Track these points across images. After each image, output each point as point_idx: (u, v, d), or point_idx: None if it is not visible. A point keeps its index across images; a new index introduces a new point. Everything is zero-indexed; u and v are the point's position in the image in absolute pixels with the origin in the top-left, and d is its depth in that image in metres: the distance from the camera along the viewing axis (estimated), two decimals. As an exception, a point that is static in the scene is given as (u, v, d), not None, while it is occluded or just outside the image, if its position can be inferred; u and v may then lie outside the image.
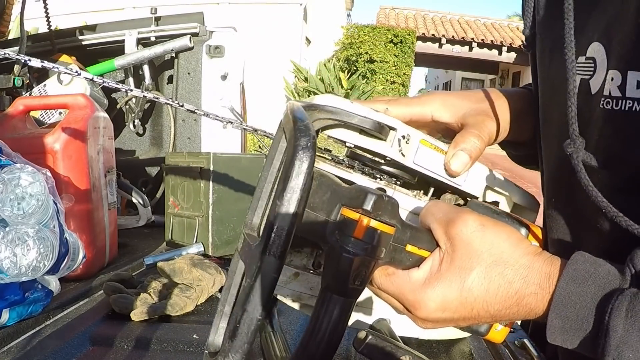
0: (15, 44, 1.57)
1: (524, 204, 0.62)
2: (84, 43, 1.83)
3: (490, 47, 15.43)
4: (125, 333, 0.77)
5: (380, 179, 0.52)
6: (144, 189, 1.75)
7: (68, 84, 1.56)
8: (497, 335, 0.52)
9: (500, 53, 15.48)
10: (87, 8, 8.48)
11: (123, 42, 1.78)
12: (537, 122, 0.64)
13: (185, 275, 0.92)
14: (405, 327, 0.63)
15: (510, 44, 15.26)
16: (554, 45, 0.46)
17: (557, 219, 0.57)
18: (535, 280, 0.43)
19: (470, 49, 15.46)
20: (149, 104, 1.89)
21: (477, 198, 0.58)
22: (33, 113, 1.31)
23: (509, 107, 0.61)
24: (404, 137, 0.50)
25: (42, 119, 1.45)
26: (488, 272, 0.44)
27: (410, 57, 12.60)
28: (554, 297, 0.42)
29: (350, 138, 0.48)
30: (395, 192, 0.52)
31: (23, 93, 1.54)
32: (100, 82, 0.46)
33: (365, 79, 11.69)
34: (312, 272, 0.55)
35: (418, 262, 0.46)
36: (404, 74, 12.40)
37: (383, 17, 14.88)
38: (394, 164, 0.52)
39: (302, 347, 0.41)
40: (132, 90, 0.49)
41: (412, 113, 0.58)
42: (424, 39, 14.66)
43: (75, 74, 0.46)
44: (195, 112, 0.51)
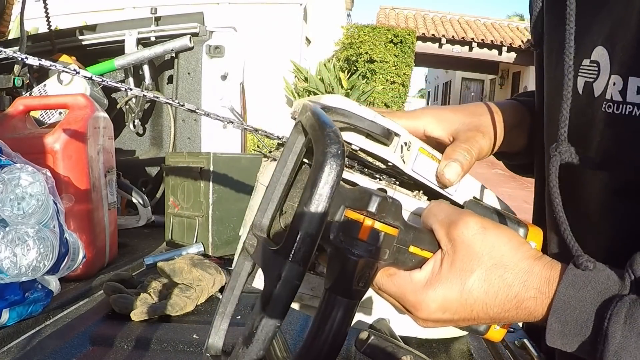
0: (15, 44, 1.57)
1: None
2: (84, 43, 1.83)
3: (490, 47, 15.43)
4: (125, 333, 0.77)
5: (381, 179, 0.52)
6: (144, 189, 1.75)
7: (68, 84, 1.56)
8: (495, 335, 0.52)
9: (500, 53, 15.48)
10: (87, 8, 8.48)
11: (123, 42, 1.78)
12: (539, 122, 0.64)
13: (185, 275, 0.92)
14: (404, 326, 0.63)
15: (510, 44, 15.26)
16: (560, 47, 0.46)
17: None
18: (535, 285, 0.44)
19: (470, 49, 15.46)
20: (149, 104, 1.89)
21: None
22: (33, 113, 1.31)
23: (502, 120, 0.62)
24: (406, 143, 0.51)
25: (42, 119, 1.45)
26: (488, 274, 0.44)
27: (410, 57, 12.60)
28: (554, 301, 0.42)
29: (357, 141, 0.49)
30: (396, 192, 0.52)
31: (23, 93, 1.54)
32: (100, 80, 0.46)
33: (365, 79, 11.70)
34: (312, 272, 0.55)
35: (420, 263, 0.46)
36: (404, 74, 12.41)
37: (383, 17, 14.88)
38: (394, 169, 0.52)
39: (305, 348, 0.41)
40: (132, 90, 0.49)
41: (405, 126, 0.58)
42: (424, 39, 14.66)
43: (75, 73, 0.46)
44: (196, 111, 0.51)
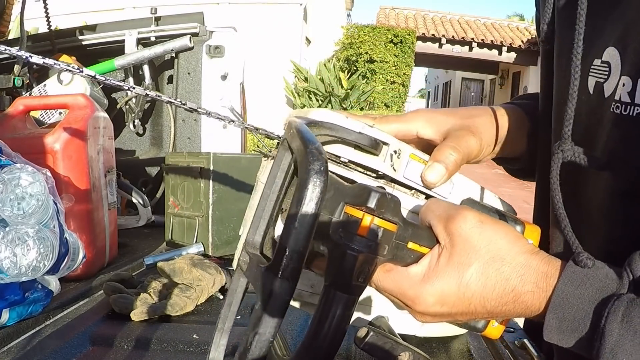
0: (15, 44, 1.57)
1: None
2: (84, 43, 1.83)
3: (490, 47, 15.43)
4: (125, 333, 0.77)
5: (379, 178, 0.53)
6: (144, 189, 1.75)
7: (68, 84, 1.56)
8: (494, 332, 0.53)
9: (500, 53, 15.49)
10: (87, 8, 8.48)
11: (123, 42, 1.78)
12: (543, 121, 0.64)
13: (185, 275, 0.92)
14: (404, 324, 0.64)
15: (510, 44, 15.27)
16: (572, 45, 0.46)
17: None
18: (532, 279, 0.44)
19: (470, 49, 15.46)
20: (149, 104, 1.89)
21: None
22: (33, 113, 1.31)
23: (499, 123, 0.62)
24: (396, 152, 0.52)
25: (42, 119, 1.45)
26: (485, 268, 0.45)
27: (410, 57, 12.61)
28: (552, 297, 0.42)
29: (345, 153, 0.50)
30: (395, 190, 0.53)
31: (23, 93, 1.54)
32: (102, 79, 0.46)
33: (365, 79, 11.70)
34: (311, 269, 0.55)
35: (419, 259, 0.47)
36: (404, 74, 12.41)
37: (383, 17, 14.88)
38: (385, 177, 0.53)
39: (306, 344, 0.42)
40: (134, 89, 0.49)
41: (397, 130, 0.59)
42: (424, 39, 14.66)
43: (79, 71, 0.46)
44: (197, 110, 0.51)
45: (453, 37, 15.07)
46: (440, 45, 15.29)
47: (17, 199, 0.76)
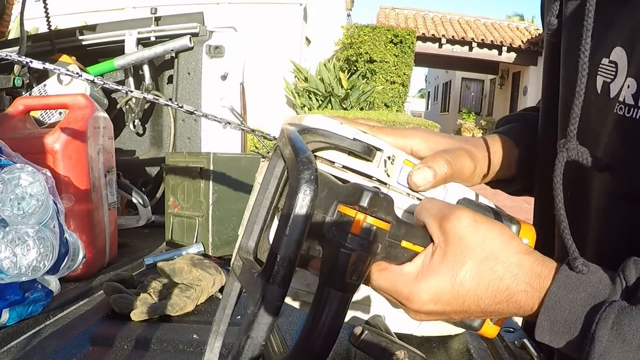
0: (15, 44, 1.57)
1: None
2: (84, 43, 1.83)
3: (490, 47, 15.43)
4: (125, 333, 0.77)
5: (372, 177, 0.53)
6: (144, 189, 1.75)
7: (68, 84, 1.56)
8: (490, 330, 0.53)
9: (500, 53, 15.49)
10: (87, 8, 8.49)
11: (123, 42, 1.78)
12: (545, 119, 0.64)
13: (185, 275, 0.93)
14: (400, 323, 0.64)
15: (510, 44, 15.26)
16: (581, 42, 0.46)
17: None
18: (526, 279, 0.44)
19: (470, 49, 15.46)
20: (149, 104, 1.89)
21: None
22: (33, 113, 1.31)
23: (492, 151, 0.63)
24: (390, 157, 0.52)
25: (42, 119, 1.45)
26: (479, 266, 0.45)
27: (410, 57, 12.61)
28: (545, 300, 0.43)
29: (339, 159, 0.50)
30: (390, 190, 0.53)
31: (23, 93, 1.54)
32: (101, 83, 0.46)
33: (365, 79, 11.70)
34: (307, 269, 0.55)
35: (412, 257, 0.47)
36: (404, 74, 12.41)
37: (383, 17, 14.88)
38: (379, 183, 0.53)
39: (301, 341, 0.42)
40: (132, 92, 0.49)
41: (393, 143, 0.59)
42: (424, 39, 14.66)
43: (76, 75, 0.46)
44: (194, 113, 0.51)
45: (453, 37, 15.07)
46: (440, 45, 15.29)
47: (17, 199, 0.76)
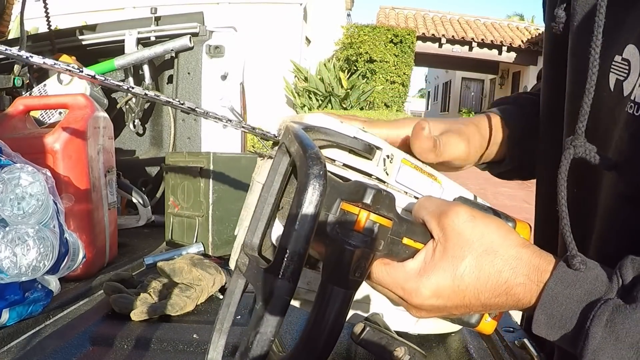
0: (15, 44, 1.57)
1: None
2: (84, 43, 1.83)
3: (490, 47, 15.44)
4: (125, 333, 0.77)
5: (371, 175, 0.54)
6: (144, 189, 1.75)
7: (68, 84, 1.56)
8: (487, 327, 0.54)
9: (500, 53, 15.49)
10: (87, 8, 8.48)
11: (123, 42, 1.78)
12: (547, 115, 0.64)
13: (185, 275, 0.93)
14: (397, 321, 0.64)
15: (510, 44, 15.26)
16: (592, 38, 0.45)
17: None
18: (524, 272, 0.45)
19: (470, 49, 15.46)
20: (149, 104, 1.89)
21: None
22: (33, 113, 1.31)
23: (484, 132, 0.63)
24: (389, 156, 0.53)
25: (42, 119, 1.45)
26: (479, 260, 0.45)
27: (410, 57, 12.61)
28: (542, 295, 0.44)
29: (340, 157, 0.51)
30: (388, 187, 0.54)
31: (23, 93, 1.54)
32: (101, 79, 0.46)
33: (365, 79, 11.70)
34: (307, 267, 0.56)
35: (413, 254, 0.48)
36: (404, 74, 12.41)
37: (383, 17, 14.88)
38: (378, 181, 0.54)
39: (304, 338, 0.42)
40: (133, 88, 0.49)
41: (387, 135, 0.60)
42: (424, 39, 14.67)
43: (77, 71, 0.46)
44: (195, 110, 0.51)
45: (453, 37, 15.07)
46: (440, 45, 15.29)
47: (17, 199, 0.76)
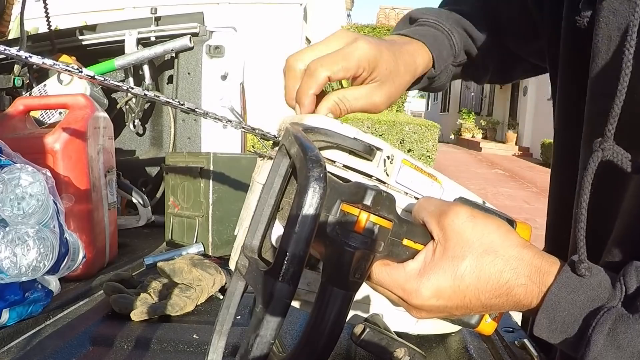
0: (15, 44, 1.57)
1: None
2: (84, 43, 1.83)
3: (490, 47, 15.40)
4: (125, 333, 0.77)
5: (371, 176, 0.54)
6: (144, 189, 1.75)
7: (68, 84, 1.56)
8: (487, 328, 0.54)
9: (500, 53, 15.45)
10: (87, 8, 8.47)
11: (123, 42, 1.78)
12: (564, 108, 0.63)
13: (185, 275, 0.92)
14: (397, 321, 0.64)
15: (510, 44, 15.22)
16: (626, 36, 0.42)
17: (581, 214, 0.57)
18: (526, 273, 0.45)
19: (470, 49, 15.43)
20: (149, 104, 1.89)
21: None
22: (33, 113, 1.31)
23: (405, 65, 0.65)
24: (389, 157, 0.53)
25: (42, 119, 1.45)
26: (479, 260, 0.45)
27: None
28: (545, 299, 0.43)
29: (340, 158, 0.51)
30: (388, 188, 0.54)
31: (23, 93, 1.54)
32: (101, 79, 0.46)
33: (365, 79, 11.67)
34: (308, 268, 0.56)
35: (413, 255, 0.48)
36: (404, 74, 12.40)
37: (383, 17, 14.89)
38: (379, 182, 0.53)
39: (304, 339, 0.42)
40: (133, 89, 0.49)
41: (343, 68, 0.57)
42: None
43: (76, 71, 0.46)
44: (195, 110, 0.51)
45: (453, 37, 15.04)
46: (440, 45, 15.26)
47: (17, 199, 0.76)
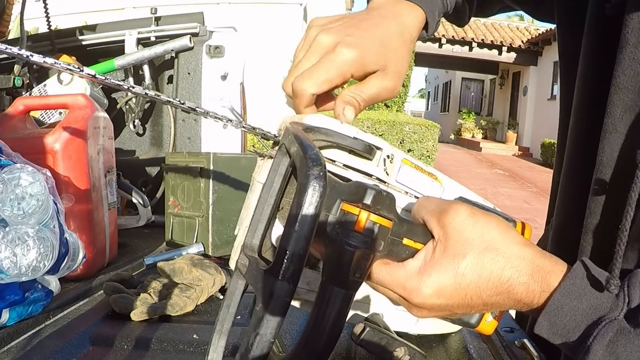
0: (16, 44, 1.57)
1: None
2: (84, 43, 1.83)
3: (490, 47, 15.44)
4: (125, 333, 0.77)
5: (371, 175, 0.54)
6: (144, 189, 1.75)
7: (68, 84, 1.56)
8: (487, 327, 0.54)
9: (500, 53, 15.49)
10: (87, 8, 8.47)
11: (123, 42, 1.78)
12: (583, 109, 0.63)
13: (185, 275, 0.93)
14: (397, 321, 0.64)
15: (510, 44, 15.26)
16: None
17: (596, 212, 0.56)
18: (528, 271, 0.45)
19: (470, 49, 15.46)
20: (149, 104, 1.89)
21: None
22: (33, 113, 1.31)
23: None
24: (389, 156, 0.53)
25: (42, 119, 1.45)
26: (480, 258, 0.45)
27: (410, 57, 12.60)
28: (548, 304, 0.44)
29: (340, 157, 0.51)
30: (388, 188, 0.54)
31: (23, 93, 1.54)
32: (102, 78, 0.46)
33: (365, 79, 11.68)
34: (308, 267, 0.56)
35: (413, 254, 0.48)
36: (404, 74, 12.40)
37: (383, 16, 14.85)
38: (379, 182, 0.54)
39: (304, 339, 0.42)
40: (133, 88, 0.49)
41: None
42: (424, 39, 14.64)
43: (77, 70, 0.46)
44: (195, 110, 0.51)
45: (453, 37, 15.07)
46: (440, 45, 15.29)
47: (17, 199, 0.76)
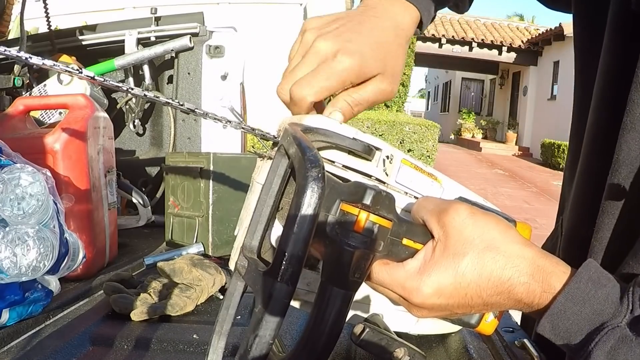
0: (15, 44, 1.57)
1: None
2: (84, 43, 1.83)
3: (490, 47, 15.45)
4: (125, 333, 0.77)
5: (371, 176, 0.54)
6: (144, 189, 1.75)
7: (68, 84, 1.56)
8: (487, 327, 0.54)
9: (500, 53, 15.50)
10: (87, 8, 8.45)
11: (123, 42, 1.78)
12: (602, 108, 0.62)
13: (185, 275, 0.93)
14: (397, 321, 0.64)
15: (510, 44, 15.27)
16: None
17: (612, 212, 0.57)
18: (528, 271, 0.45)
19: (470, 49, 15.47)
20: (149, 104, 1.89)
21: None
22: (33, 113, 1.31)
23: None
24: (388, 157, 0.53)
25: (42, 119, 1.45)
26: (481, 257, 0.45)
27: (410, 57, 12.61)
28: (551, 307, 0.44)
29: (340, 158, 0.51)
30: (388, 188, 0.54)
31: (23, 93, 1.54)
32: (101, 80, 0.46)
33: (365, 79, 11.68)
34: (307, 268, 0.56)
35: (413, 254, 0.48)
36: (404, 74, 12.42)
37: (383, 16, 14.86)
38: (378, 182, 0.54)
39: (304, 339, 0.42)
40: (132, 89, 0.49)
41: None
42: (424, 39, 14.67)
43: (76, 72, 0.46)
44: (195, 111, 0.51)
45: (453, 37, 15.08)
46: (440, 45, 15.30)
47: (17, 199, 0.76)
